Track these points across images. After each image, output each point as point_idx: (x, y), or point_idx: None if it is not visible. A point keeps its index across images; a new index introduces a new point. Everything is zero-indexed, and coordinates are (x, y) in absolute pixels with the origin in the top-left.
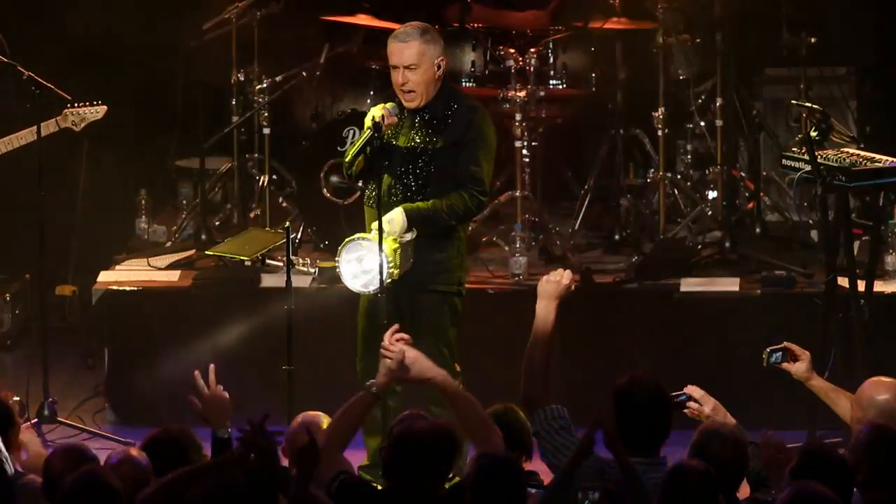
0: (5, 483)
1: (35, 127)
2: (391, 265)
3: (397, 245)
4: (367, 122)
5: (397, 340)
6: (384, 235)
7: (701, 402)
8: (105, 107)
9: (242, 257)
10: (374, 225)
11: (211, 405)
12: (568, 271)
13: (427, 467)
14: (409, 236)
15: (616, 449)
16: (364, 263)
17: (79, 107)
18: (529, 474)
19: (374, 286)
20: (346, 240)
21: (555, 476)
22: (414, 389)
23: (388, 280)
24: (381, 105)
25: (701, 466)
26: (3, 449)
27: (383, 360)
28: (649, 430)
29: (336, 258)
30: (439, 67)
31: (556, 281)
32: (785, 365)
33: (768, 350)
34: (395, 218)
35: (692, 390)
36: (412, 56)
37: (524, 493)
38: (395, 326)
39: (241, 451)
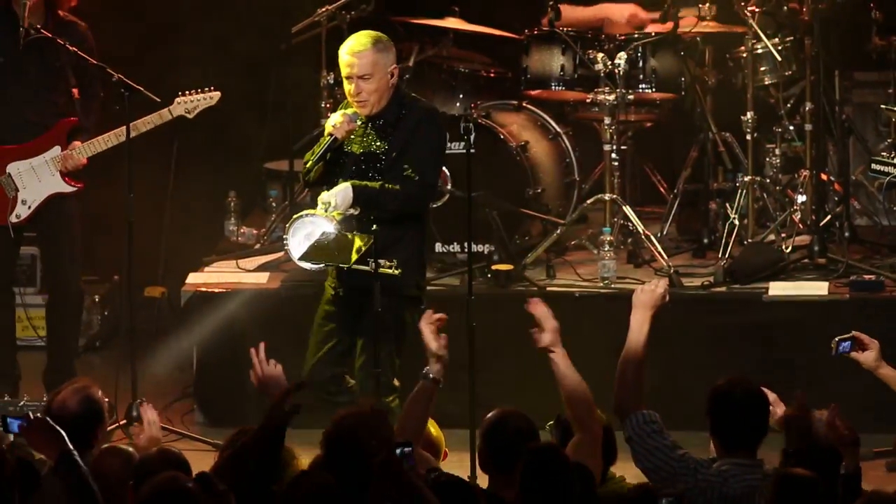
0: (83, 483)
1: (140, 123)
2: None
3: (341, 218)
4: (328, 128)
5: (434, 322)
6: (330, 209)
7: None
8: (218, 93)
9: (342, 264)
10: (321, 199)
11: (267, 382)
12: (663, 281)
13: None
14: (352, 212)
15: None
16: (312, 239)
17: (191, 94)
18: None
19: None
20: (293, 218)
21: None
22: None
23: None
24: (342, 111)
25: (808, 473)
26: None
27: (429, 347)
28: (748, 430)
29: (284, 238)
30: (392, 76)
31: (651, 291)
32: (854, 354)
33: (836, 339)
34: (342, 191)
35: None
36: (366, 66)
37: (571, 481)
38: (430, 311)
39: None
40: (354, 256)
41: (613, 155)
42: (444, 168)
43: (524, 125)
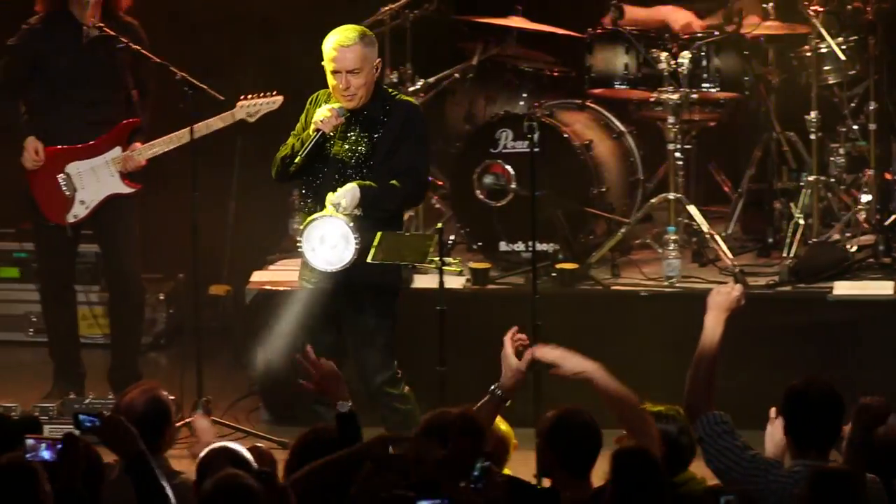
0: (155, 485)
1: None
2: (356, 237)
3: (350, 221)
4: (314, 123)
5: (517, 341)
6: (340, 210)
7: None
8: (281, 97)
9: (415, 263)
10: (329, 201)
11: (324, 380)
12: (739, 284)
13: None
14: (356, 212)
15: None
16: (328, 241)
17: (253, 98)
18: None
19: (348, 255)
20: (307, 221)
21: None
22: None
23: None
24: (328, 106)
25: (845, 468)
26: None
27: (508, 362)
28: (820, 431)
29: (298, 242)
30: (377, 70)
31: (727, 293)
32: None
33: None
34: (350, 192)
35: None
36: (355, 61)
37: (663, 483)
38: (515, 328)
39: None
40: (427, 255)
41: (677, 154)
42: (507, 167)
43: (588, 124)
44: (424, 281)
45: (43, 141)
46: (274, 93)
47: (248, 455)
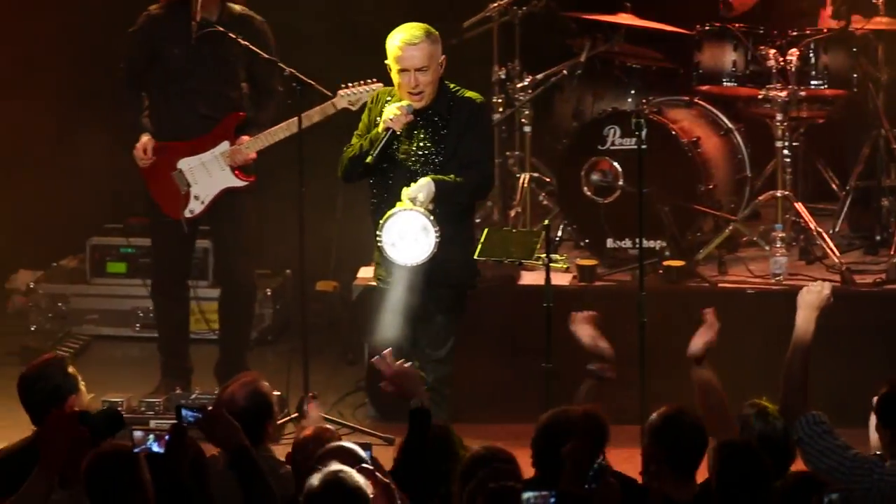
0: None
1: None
2: (436, 230)
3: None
4: (383, 121)
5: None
6: (417, 204)
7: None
8: (381, 84)
9: (523, 259)
10: (406, 195)
11: (400, 379)
12: (828, 283)
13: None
14: (431, 207)
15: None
16: (408, 236)
17: (354, 86)
18: None
19: (429, 248)
20: (386, 215)
21: None
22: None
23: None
24: (397, 104)
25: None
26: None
27: (586, 343)
28: None
29: (378, 236)
30: (442, 66)
31: (818, 291)
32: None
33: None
34: (426, 186)
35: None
36: (423, 59)
37: (768, 477)
38: (583, 313)
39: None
40: (534, 251)
41: (785, 151)
42: (615, 163)
43: (696, 121)
44: (531, 278)
45: (157, 134)
46: (374, 80)
47: (361, 454)
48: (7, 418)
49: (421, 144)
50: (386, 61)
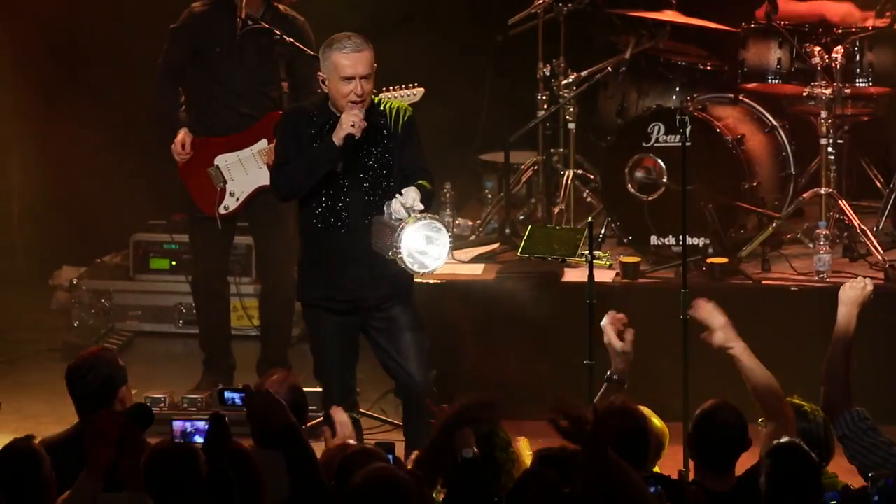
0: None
1: None
2: (444, 224)
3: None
4: (344, 129)
5: (616, 323)
6: (413, 212)
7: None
8: (422, 89)
9: (565, 257)
10: (404, 206)
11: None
12: (870, 280)
13: None
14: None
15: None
16: (423, 244)
17: (394, 90)
18: None
19: (446, 243)
20: (396, 235)
21: None
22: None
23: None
24: (354, 112)
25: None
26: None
27: (613, 347)
28: None
29: (397, 248)
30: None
31: (860, 288)
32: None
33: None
34: (415, 192)
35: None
36: (366, 66)
37: (819, 479)
38: (612, 312)
39: None
40: (577, 248)
41: (830, 149)
42: (659, 160)
43: (740, 118)
44: (574, 275)
45: (195, 130)
46: (415, 84)
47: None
48: (50, 414)
49: (369, 154)
50: (319, 73)
